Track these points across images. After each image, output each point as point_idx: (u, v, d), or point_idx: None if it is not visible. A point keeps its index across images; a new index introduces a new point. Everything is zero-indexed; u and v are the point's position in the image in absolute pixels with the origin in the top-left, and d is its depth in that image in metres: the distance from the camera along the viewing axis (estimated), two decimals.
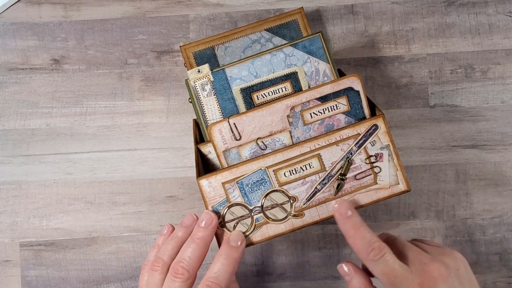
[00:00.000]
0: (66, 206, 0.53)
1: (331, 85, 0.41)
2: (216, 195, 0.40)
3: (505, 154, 0.53)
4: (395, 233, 0.53)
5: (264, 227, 0.40)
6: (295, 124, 0.41)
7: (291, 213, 0.40)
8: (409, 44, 0.54)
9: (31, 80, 0.54)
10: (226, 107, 0.43)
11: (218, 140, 0.41)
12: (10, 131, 0.54)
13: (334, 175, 0.40)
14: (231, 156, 0.42)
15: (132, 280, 0.53)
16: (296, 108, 0.41)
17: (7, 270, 0.53)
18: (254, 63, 0.43)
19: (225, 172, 0.40)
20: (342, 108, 0.41)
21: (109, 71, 0.54)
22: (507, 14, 0.54)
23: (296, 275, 0.53)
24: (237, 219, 0.40)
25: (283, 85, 0.43)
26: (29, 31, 0.55)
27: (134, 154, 0.54)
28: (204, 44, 0.48)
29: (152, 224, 0.53)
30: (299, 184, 0.40)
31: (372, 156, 0.40)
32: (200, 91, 0.43)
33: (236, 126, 0.41)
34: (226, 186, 0.40)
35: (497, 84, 0.54)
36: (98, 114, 0.54)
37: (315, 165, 0.40)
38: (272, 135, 0.41)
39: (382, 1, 0.55)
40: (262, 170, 0.40)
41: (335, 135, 0.40)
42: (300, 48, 0.44)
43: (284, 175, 0.40)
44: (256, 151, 0.41)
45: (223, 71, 0.43)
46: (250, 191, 0.40)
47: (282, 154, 0.40)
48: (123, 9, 0.55)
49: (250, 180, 0.40)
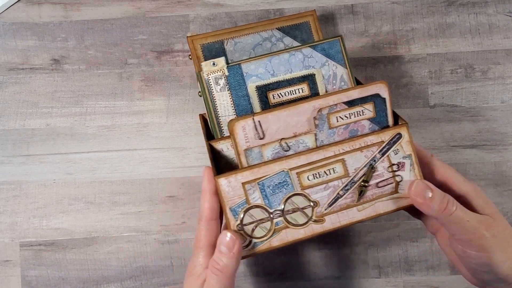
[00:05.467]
0: (66, 206, 0.53)
1: (359, 90, 0.40)
2: (235, 195, 0.38)
3: (505, 154, 0.53)
4: (395, 233, 0.53)
5: (283, 231, 0.38)
6: (321, 127, 0.40)
7: (312, 218, 0.39)
8: (409, 44, 0.54)
9: (31, 80, 0.54)
10: (240, 104, 0.42)
11: (241, 137, 0.38)
12: (10, 131, 0.54)
13: (357, 181, 0.39)
14: (252, 155, 0.39)
15: (132, 280, 0.53)
16: (324, 110, 0.39)
17: (7, 270, 0.53)
18: (272, 61, 0.42)
19: (246, 172, 0.38)
20: (367, 114, 0.40)
21: (109, 71, 0.54)
22: (507, 14, 0.54)
23: (296, 275, 0.53)
24: (256, 222, 0.38)
25: (300, 86, 0.42)
26: (29, 31, 0.55)
27: (134, 154, 0.54)
28: (213, 37, 0.46)
29: (152, 224, 0.53)
30: (322, 188, 0.39)
31: (395, 165, 0.40)
32: (213, 85, 0.41)
33: (261, 124, 0.38)
34: (246, 187, 0.38)
35: (497, 84, 0.54)
36: (98, 114, 0.54)
37: (338, 170, 0.39)
38: (296, 136, 0.39)
39: (382, 1, 0.55)
40: (285, 172, 0.38)
41: (359, 141, 0.39)
42: (319, 50, 0.43)
43: (308, 178, 0.39)
44: (279, 152, 0.39)
45: (239, 66, 0.42)
46: (271, 193, 0.38)
47: (306, 156, 0.39)
48: (123, 9, 0.55)
49: (272, 181, 0.38)
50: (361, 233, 0.53)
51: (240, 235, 0.37)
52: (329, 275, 0.53)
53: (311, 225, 0.39)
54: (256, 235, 0.38)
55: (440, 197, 0.37)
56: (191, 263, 0.39)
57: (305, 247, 0.53)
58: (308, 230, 0.39)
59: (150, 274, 0.53)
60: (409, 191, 0.39)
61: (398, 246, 0.53)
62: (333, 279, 0.53)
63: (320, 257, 0.53)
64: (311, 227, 0.39)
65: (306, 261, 0.53)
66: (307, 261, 0.53)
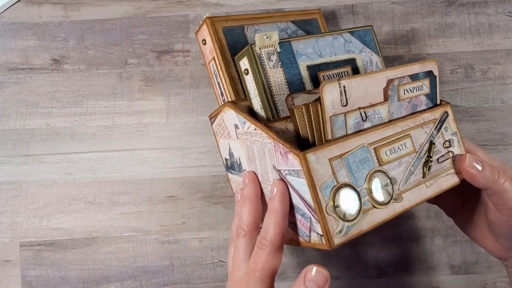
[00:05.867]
0: (66, 206, 0.53)
1: (419, 65, 0.41)
2: (325, 173, 0.33)
3: (505, 154, 0.53)
4: (395, 233, 0.53)
5: (370, 212, 0.35)
6: (392, 98, 0.39)
7: (393, 196, 0.36)
8: (409, 44, 0.54)
9: (31, 80, 0.54)
10: (294, 83, 0.39)
11: (329, 102, 0.35)
12: (10, 131, 0.54)
13: (423, 157, 0.39)
14: (337, 123, 0.36)
15: (132, 280, 0.53)
16: (395, 81, 0.39)
17: (7, 270, 0.53)
18: (318, 42, 0.42)
19: (332, 147, 0.34)
20: (425, 90, 0.41)
21: (109, 71, 0.54)
22: (507, 14, 0.54)
23: (296, 275, 0.53)
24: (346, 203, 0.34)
25: (345, 69, 0.43)
26: (29, 31, 0.55)
27: (134, 154, 0.54)
28: (233, 21, 0.44)
29: (152, 224, 0.53)
30: (396, 165, 0.37)
31: (447, 141, 0.41)
32: (265, 61, 0.38)
33: (345, 90, 0.35)
34: (334, 163, 0.34)
35: (497, 84, 0.54)
36: (98, 114, 0.54)
37: (409, 146, 0.39)
38: (372, 106, 0.38)
39: (382, 1, 0.55)
40: (365, 147, 0.36)
41: (419, 118, 0.40)
42: (357, 36, 0.44)
43: (386, 154, 0.37)
44: (359, 122, 0.37)
45: (289, 43, 0.40)
46: (356, 170, 0.35)
47: (380, 131, 0.37)
48: (123, 9, 0.55)
49: (356, 157, 0.35)
50: None
51: (326, 269, 0.32)
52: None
53: (392, 204, 0.36)
54: (348, 218, 0.34)
55: (490, 168, 0.39)
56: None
57: (305, 247, 0.53)
58: (390, 210, 0.36)
59: (150, 274, 0.53)
60: (462, 164, 0.40)
61: (398, 246, 0.53)
62: (333, 279, 0.53)
63: (320, 257, 0.53)
64: (392, 207, 0.36)
65: (306, 261, 0.53)
66: (307, 261, 0.53)
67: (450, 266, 0.53)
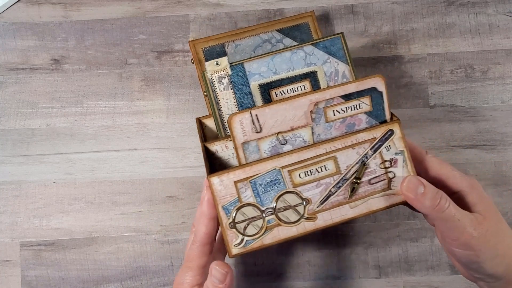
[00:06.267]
0: (66, 206, 0.53)
1: (356, 84, 0.40)
2: (227, 194, 0.38)
3: (505, 154, 0.53)
4: (395, 233, 0.53)
5: (276, 229, 0.39)
6: (318, 120, 0.40)
7: (304, 215, 0.39)
8: (409, 44, 0.54)
9: (31, 80, 0.54)
10: (243, 102, 0.42)
11: (238, 131, 0.39)
12: (10, 131, 0.54)
13: (349, 178, 0.39)
14: (249, 149, 0.40)
15: (132, 280, 0.53)
16: (320, 104, 0.40)
17: (7, 270, 0.53)
18: (274, 59, 0.43)
19: (238, 171, 0.38)
20: (364, 108, 0.41)
21: (109, 71, 0.54)
22: (507, 14, 0.54)
23: (296, 275, 0.53)
24: (248, 220, 0.39)
25: (302, 83, 0.43)
26: (29, 31, 0.55)
27: (134, 154, 0.54)
28: (214, 41, 0.48)
29: (152, 224, 0.53)
30: (313, 186, 0.39)
31: (387, 161, 0.40)
32: (216, 84, 0.42)
33: (258, 118, 0.39)
34: (238, 185, 0.38)
35: (497, 84, 0.54)
36: (98, 114, 0.54)
37: (330, 168, 0.39)
38: (293, 130, 0.40)
39: (382, 1, 0.55)
40: (277, 170, 0.39)
41: (351, 138, 0.39)
42: (321, 47, 0.43)
43: (299, 176, 0.39)
44: (276, 146, 0.40)
45: (242, 65, 0.42)
46: (263, 192, 0.39)
47: (297, 154, 0.39)
48: (123, 9, 0.55)
49: (264, 180, 0.39)
50: (361, 233, 0.53)
51: (227, 265, 0.38)
52: (329, 275, 0.53)
53: (303, 222, 0.39)
54: (248, 233, 0.38)
55: (433, 193, 0.37)
56: (178, 279, 0.40)
57: (305, 247, 0.53)
58: (300, 228, 0.39)
59: (150, 274, 0.53)
60: (401, 187, 0.39)
61: (398, 246, 0.53)
62: (333, 279, 0.53)
63: (320, 257, 0.53)
64: (303, 225, 0.39)
65: (306, 261, 0.53)
66: (307, 261, 0.53)
67: (450, 266, 0.53)
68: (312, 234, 0.38)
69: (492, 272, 0.38)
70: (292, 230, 0.39)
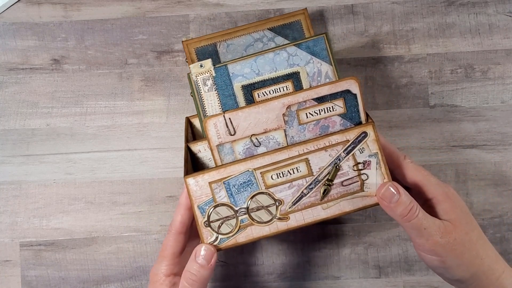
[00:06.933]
0: (66, 206, 0.53)
1: (329, 86, 0.41)
2: (203, 194, 0.40)
3: (505, 154, 0.53)
4: (395, 233, 0.53)
5: (249, 228, 0.40)
6: (290, 123, 0.41)
7: (276, 216, 0.40)
8: (409, 44, 0.54)
9: (31, 80, 0.54)
10: (227, 103, 0.43)
11: (213, 134, 0.41)
12: (10, 131, 0.54)
13: (321, 180, 0.40)
14: (224, 151, 0.41)
15: (132, 280, 0.53)
16: (293, 107, 0.41)
17: (7, 270, 0.53)
18: (257, 60, 0.43)
19: (213, 172, 0.40)
20: (338, 110, 0.41)
21: (109, 71, 0.54)
22: (507, 14, 0.54)
23: (296, 275, 0.53)
24: (222, 219, 0.40)
25: (284, 84, 0.43)
26: (29, 31, 0.55)
27: (134, 154, 0.54)
28: (206, 41, 0.48)
29: (152, 224, 0.53)
30: (286, 187, 0.40)
31: (360, 163, 0.40)
32: (201, 86, 0.43)
33: (231, 121, 0.41)
34: (212, 186, 0.40)
35: (497, 84, 0.54)
36: (98, 114, 0.54)
37: (302, 170, 0.40)
38: (266, 132, 0.41)
39: (382, 1, 0.55)
40: (250, 172, 0.40)
41: (324, 140, 0.40)
42: (304, 48, 0.43)
43: (271, 177, 0.40)
44: (250, 148, 0.41)
45: (225, 67, 0.43)
46: (237, 192, 0.40)
47: (270, 156, 0.40)
48: (123, 9, 0.55)
49: (237, 181, 0.40)
50: (361, 233, 0.53)
51: (214, 246, 0.40)
52: (329, 275, 0.53)
53: (275, 222, 0.40)
54: (222, 232, 0.40)
55: (406, 204, 0.38)
56: (154, 270, 0.41)
57: (305, 247, 0.53)
58: (272, 227, 0.40)
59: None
60: (377, 193, 0.39)
61: (398, 246, 0.53)
62: (333, 279, 0.53)
63: (320, 257, 0.53)
64: (275, 225, 0.40)
65: (306, 261, 0.53)
66: (307, 261, 0.53)
67: None
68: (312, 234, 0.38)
69: (458, 278, 0.39)
70: (265, 230, 0.40)
